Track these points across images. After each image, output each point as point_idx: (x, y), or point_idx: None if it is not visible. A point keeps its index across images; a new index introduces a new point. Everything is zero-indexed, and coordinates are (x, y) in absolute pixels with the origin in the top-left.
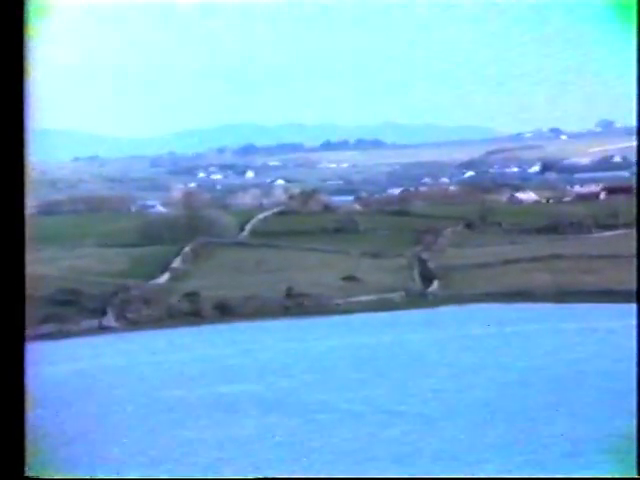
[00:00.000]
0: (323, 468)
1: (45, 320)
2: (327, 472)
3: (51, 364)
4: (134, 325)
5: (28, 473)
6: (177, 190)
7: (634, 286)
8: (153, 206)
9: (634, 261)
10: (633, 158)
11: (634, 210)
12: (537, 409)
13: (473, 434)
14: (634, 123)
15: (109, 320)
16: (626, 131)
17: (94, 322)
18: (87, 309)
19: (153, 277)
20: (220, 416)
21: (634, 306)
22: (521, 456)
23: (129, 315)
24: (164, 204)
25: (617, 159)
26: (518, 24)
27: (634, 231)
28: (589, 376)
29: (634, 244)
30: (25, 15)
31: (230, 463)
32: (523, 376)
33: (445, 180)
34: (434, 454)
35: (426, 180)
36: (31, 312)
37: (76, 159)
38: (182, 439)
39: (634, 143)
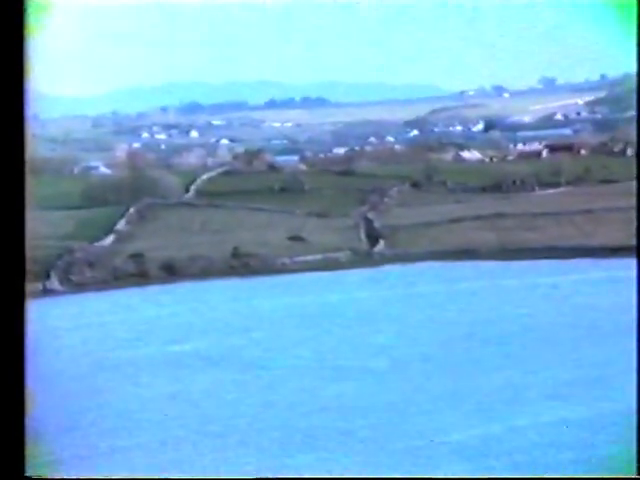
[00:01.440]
0: (272, 421)
1: None
2: (276, 425)
3: None
4: (79, 288)
5: (28, 473)
6: (121, 150)
7: (575, 242)
8: (96, 167)
9: (575, 218)
10: (574, 115)
11: (575, 168)
12: (482, 361)
13: (421, 386)
14: (575, 80)
15: (53, 283)
16: (567, 88)
17: (38, 285)
18: (30, 272)
19: (98, 239)
20: (169, 374)
21: (576, 261)
22: (468, 405)
23: (74, 278)
24: (108, 165)
25: (559, 117)
26: None
27: (575, 188)
28: (533, 330)
29: (575, 201)
30: (25, 13)
31: (180, 419)
32: (468, 331)
33: (390, 139)
34: (383, 406)
35: (371, 139)
36: None
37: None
38: (131, 397)
39: (575, 100)
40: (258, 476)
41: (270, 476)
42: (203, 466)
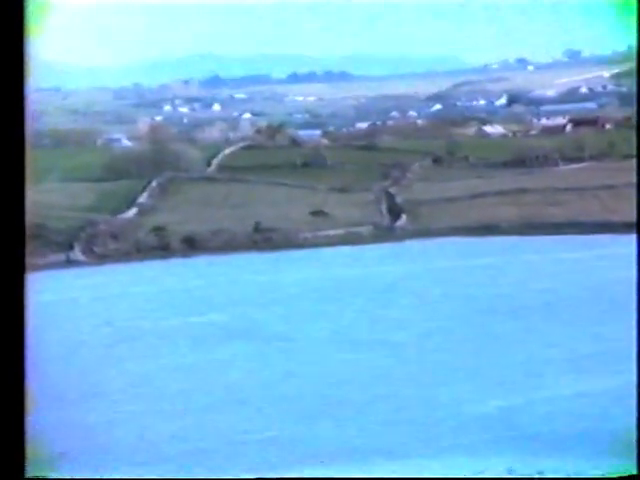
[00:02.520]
0: (292, 391)
1: None
2: (295, 395)
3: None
4: (102, 259)
5: (28, 473)
6: (143, 123)
7: (598, 217)
8: (119, 140)
9: (598, 193)
10: (599, 89)
11: (599, 143)
12: (503, 335)
13: (440, 359)
14: (601, 52)
15: (76, 254)
16: (593, 60)
17: (61, 256)
18: (54, 243)
19: (120, 212)
20: (190, 345)
21: (598, 237)
22: (488, 378)
23: (96, 249)
24: (130, 138)
25: (583, 90)
26: None
27: (598, 163)
28: (554, 304)
29: (599, 176)
30: (25, 13)
31: (200, 389)
32: (490, 305)
33: (413, 114)
34: (402, 378)
35: (394, 114)
36: None
37: (38, 90)
38: (152, 367)
39: (601, 73)
40: (280, 443)
41: (288, 442)
42: (223, 434)
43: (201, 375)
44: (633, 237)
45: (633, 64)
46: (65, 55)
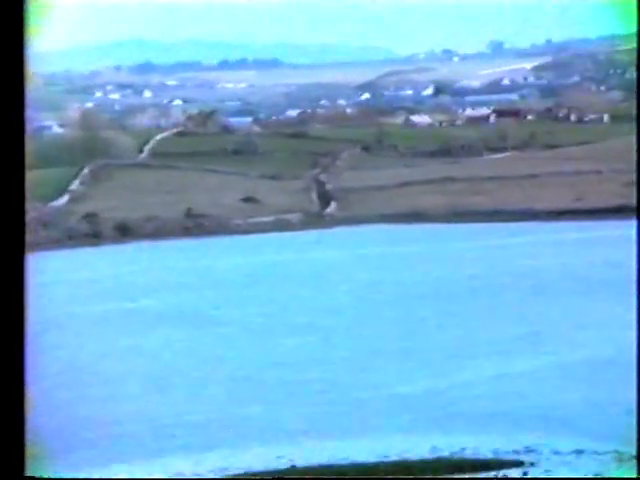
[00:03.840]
0: (224, 374)
1: None
2: (227, 377)
3: None
4: (32, 247)
5: (28, 473)
6: (74, 110)
7: (521, 206)
8: (49, 127)
9: (521, 182)
10: (521, 81)
11: (521, 133)
12: (430, 320)
13: (369, 343)
14: (522, 45)
15: None
16: (515, 53)
17: None
18: None
19: (51, 199)
20: (123, 330)
21: (521, 224)
22: (415, 361)
23: (27, 237)
24: (61, 125)
25: (506, 82)
26: None
27: (521, 153)
28: (480, 290)
29: (521, 165)
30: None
31: (132, 374)
32: (417, 291)
33: (342, 102)
34: (332, 361)
35: (323, 102)
36: None
37: None
38: (82, 353)
39: (522, 65)
40: (211, 426)
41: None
42: (154, 417)
43: (133, 360)
44: (553, 224)
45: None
46: None
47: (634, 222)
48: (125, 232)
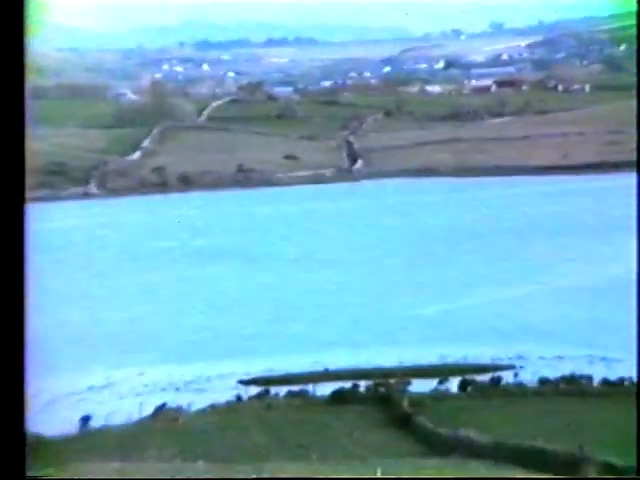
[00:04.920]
0: (267, 297)
1: (39, 186)
2: (270, 300)
3: (47, 222)
4: (112, 193)
5: (28, 473)
6: (145, 80)
7: (516, 162)
8: (125, 94)
9: (516, 143)
10: (517, 56)
11: (517, 101)
12: (440, 256)
13: (389, 275)
14: (519, 25)
15: (91, 188)
16: (512, 32)
17: (79, 190)
18: (73, 179)
19: (127, 154)
20: (185, 262)
21: (516, 178)
22: (429, 290)
23: (108, 185)
24: (134, 92)
25: (505, 57)
26: None
27: (517, 118)
28: (482, 232)
29: (517, 128)
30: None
31: (196, 296)
32: (429, 233)
33: (367, 74)
34: (362, 290)
35: (352, 74)
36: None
37: (59, 50)
38: (156, 279)
39: (519, 43)
40: (262, 337)
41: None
42: (216, 329)
43: (195, 286)
44: (545, 178)
45: (542, 36)
46: (82, 20)
47: (612, 176)
48: (187, 183)
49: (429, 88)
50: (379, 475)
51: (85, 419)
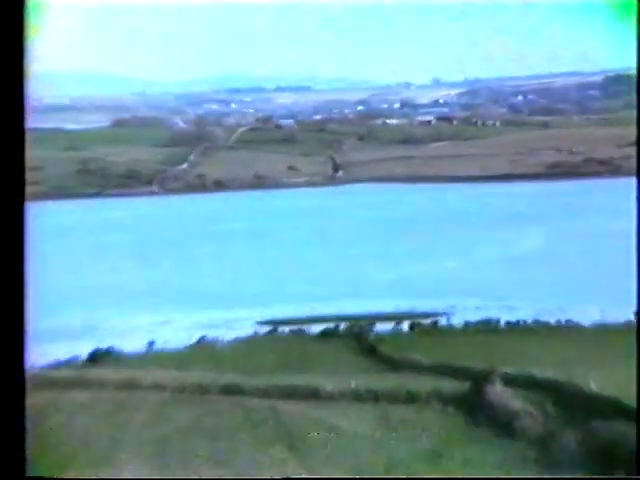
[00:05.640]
0: (284, 263)
1: (119, 186)
2: (274, 267)
3: (124, 211)
4: (169, 192)
5: (29, 473)
6: (191, 114)
7: (451, 173)
8: (177, 123)
9: (451, 159)
10: (450, 100)
11: (450, 131)
12: (404, 237)
13: (368, 250)
14: (451, 80)
15: (154, 188)
16: (447, 85)
17: (143, 189)
18: (142, 182)
19: (178, 165)
20: (217, 242)
21: (451, 185)
22: (388, 260)
23: (166, 186)
24: (184, 122)
25: (441, 101)
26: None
27: (450, 143)
28: (424, 222)
29: (451, 150)
30: (25, 12)
31: (218, 265)
32: (394, 222)
33: (346, 111)
34: (345, 260)
35: (335, 111)
36: (109, 181)
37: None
38: (201, 251)
39: (450, 92)
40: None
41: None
42: (227, 283)
43: (225, 256)
44: (468, 184)
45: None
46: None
47: (516, 183)
48: (219, 186)
49: (389, 121)
50: (353, 385)
51: (150, 344)
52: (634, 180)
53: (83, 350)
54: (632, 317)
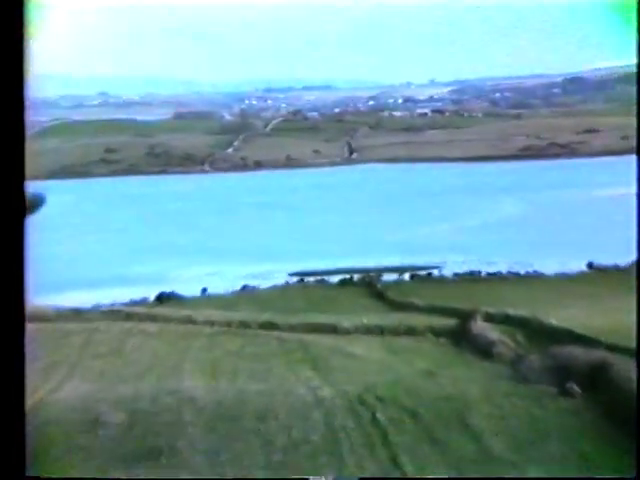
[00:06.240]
0: (301, 230)
1: (178, 165)
2: (303, 230)
3: (182, 185)
4: (218, 170)
5: (29, 473)
6: (236, 109)
7: (444, 155)
8: (224, 116)
9: (444, 144)
10: (443, 97)
11: (444, 121)
12: (406, 207)
13: (376, 216)
14: (444, 80)
15: (206, 167)
16: (440, 84)
17: (198, 168)
18: (196, 162)
19: (226, 149)
20: (256, 208)
21: (446, 164)
22: (394, 225)
23: (215, 165)
24: (230, 115)
25: (436, 96)
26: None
27: (444, 130)
28: (425, 193)
29: (444, 137)
30: (25, 13)
31: (256, 230)
32: (397, 194)
33: (359, 105)
34: (355, 226)
35: (351, 105)
36: (171, 162)
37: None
38: (237, 218)
39: (443, 89)
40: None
41: None
42: (272, 245)
43: (261, 223)
44: (458, 164)
45: (457, 87)
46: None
47: (494, 164)
48: (259, 165)
49: (394, 113)
50: (364, 322)
51: (204, 290)
52: (589, 160)
53: (151, 293)
54: (585, 268)
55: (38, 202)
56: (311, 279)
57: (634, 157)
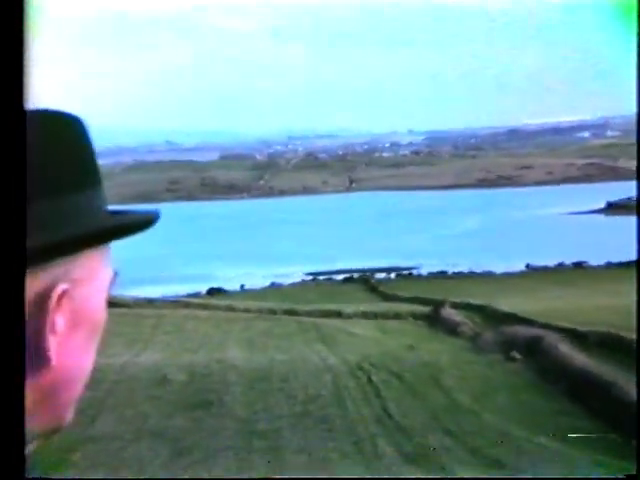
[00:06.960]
0: (314, 240)
1: (223, 193)
2: (315, 241)
3: (226, 209)
4: (252, 197)
5: (29, 474)
6: (265, 151)
7: (422, 184)
8: (256, 157)
9: (420, 176)
10: (419, 142)
11: (419, 159)
12: (399, 221)
13: (371, 228)
14: (419, 130)
15: (244, 195)
16: (416, 133)
17: (237, 195)
18: (236, 190)
19: (258, 181)
20: (280, 223)
21: (426, 192)
22: (390, 236)
23: (250, 193)
24: (261, 156)
25: (414, 142)
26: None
27: (419, 167)
28: (412, 211)
29: (420, 171)
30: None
31: (278, 236)
32: (388, 212)
33: (358, 148)
34: (356, 237)
35: (350, 148)
36: (218, 190)
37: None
38: (264, 232)
39: (419, 137)
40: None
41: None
42: (292, 252)
43: (289, 234)
44: (430, 192)
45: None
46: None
47: (459, 190)
48: (282, 193)
49: (384, 154)
50: (362, 309)
51: (242, 286)
52: (526, 188)
53: (203, 288)
54: (524, 268)
55: (156, 217)
56: (322, 277)
57: (557, 187)
